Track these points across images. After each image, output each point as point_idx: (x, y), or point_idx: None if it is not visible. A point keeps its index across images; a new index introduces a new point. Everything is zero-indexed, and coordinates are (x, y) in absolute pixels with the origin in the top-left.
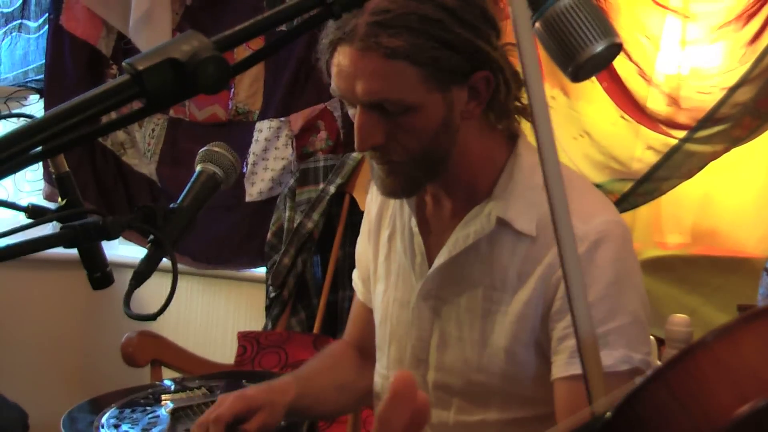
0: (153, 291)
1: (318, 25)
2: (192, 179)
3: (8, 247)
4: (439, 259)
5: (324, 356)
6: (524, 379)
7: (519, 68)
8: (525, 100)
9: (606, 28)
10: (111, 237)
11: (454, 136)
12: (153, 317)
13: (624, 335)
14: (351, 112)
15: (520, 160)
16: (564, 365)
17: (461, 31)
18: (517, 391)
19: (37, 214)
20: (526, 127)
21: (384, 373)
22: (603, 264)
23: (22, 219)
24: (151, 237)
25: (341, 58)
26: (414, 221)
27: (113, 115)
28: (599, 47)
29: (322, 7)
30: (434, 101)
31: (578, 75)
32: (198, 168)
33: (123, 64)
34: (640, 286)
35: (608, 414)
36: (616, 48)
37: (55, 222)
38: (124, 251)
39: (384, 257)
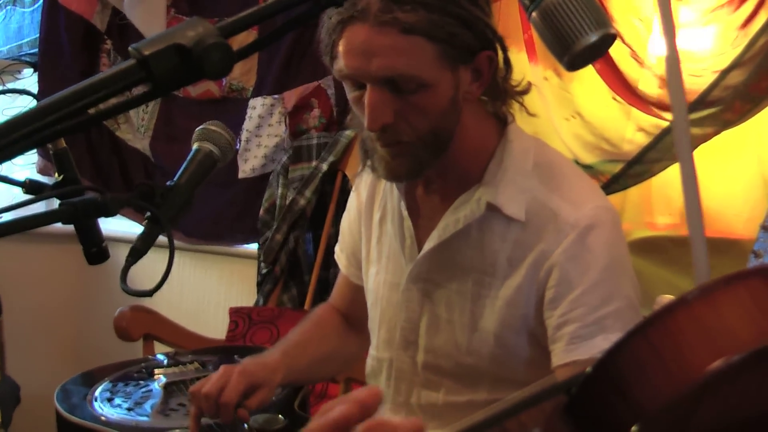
0: (146, 266)
1: (322, 12)
2: (189, 157)
3: (8, 223)
4: (429, 244)
5: (310, 325)
6: (514, 363)
7: None
8: (514, 82)
9: (601, 19)
10: (109, 214)
11: (458, 116)
12: (149, 293)
13: (620, 319)
14: (352, 94)
15: (511, 145)
16: (563, 353)
17: (473, 8)
18: (506, 374)
19: (34, 190)
20: (517, 115)
21: (374, 354)
22: (596, 249)
23: (17, 193)
24: (149, 214)
25: (353, 36)
26: (403, 204)
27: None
28: (594, 37)
29: None
30: (445, 79)
31: (574, 64)
32: (195, 146)
33: (129, 48)
34: (631, 270)
35: (589, 369)
36: (611, 38)
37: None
38: (117, 226)
39: (376, 240)
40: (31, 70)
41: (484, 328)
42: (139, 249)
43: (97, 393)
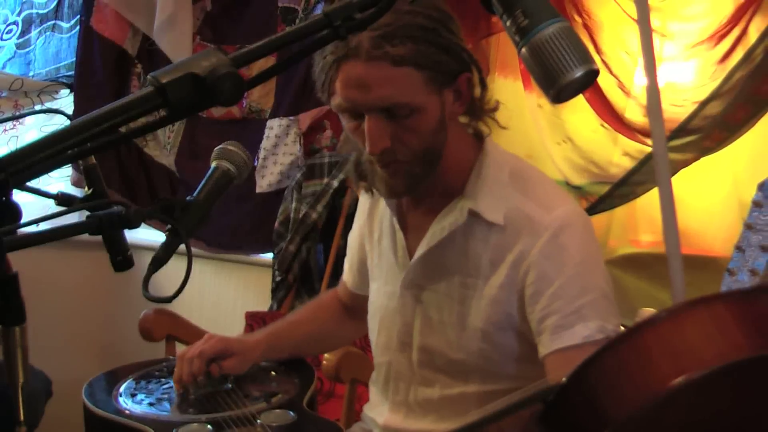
0: (169, 273)
1: (325, 45)
2: (208, 174)
3: (40, 233)
4: (419, 251)
5: (310, 307)
6: (501, 358)
7: None
8: (491, 104)
9: (585, 56)
10: (132, 226)
11: (446, 134)
12: (169, 299)
13: (596, 308)
14: (350, 124)
15: (488, 158)
16: (548, 342)
17: (451, 36)
18: (494, 368)
19: (65, 202)
20: (512, 138)
21: (376, 361)
22: (569, 247)
23: (50, 204)
24: (169, 226)
25: (349, 72)
26: (395, 219)
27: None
28: (578, 72)
29: (330, 29)
30: (433, 103)
31: (559, 97)
32: (213, 164)
33: (147, 77)
34: (603, 265)
35: (564, 379)
36: (594, 74)
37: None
38: (143, 235)
39: (377, 258)
40: (68, 90)
41: (471, 325)
42: (160, 258)
43: (121, 389)
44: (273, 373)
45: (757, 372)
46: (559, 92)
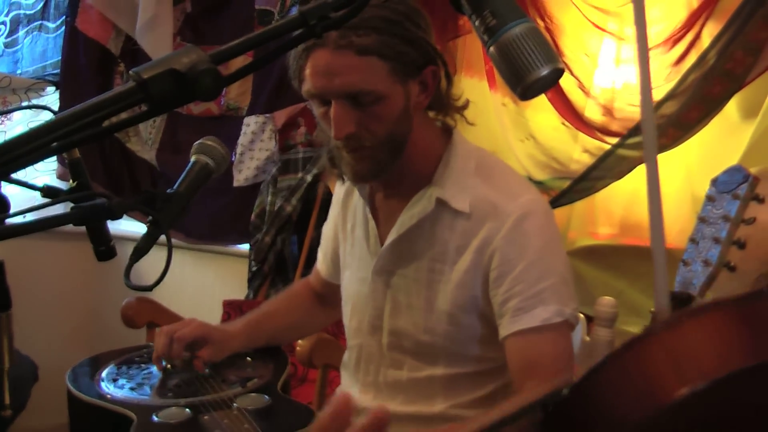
0: (151, 262)
1: (302, 42)
2: (187, 168)
3: (26, 224)
4: (389, 239)
5: (284, 297)
6: (466, 340)
7: None
8: (461, 102)
9: (551, 55)
10: (115, 217)
11: (410, 123)
12: (150, 288)
13: (556, 293)
14: (319, 111)
15: (455, 150)
16: (509, 324)
17: (415, 29)
18: (460, 350)
19: (51, 194)
20: (479, 134)
21: (349, 344)
22: (532, 233)
23: (36, 197)
24: (151, 218)
25: (317, 60)
26: (367, 209)
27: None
28: (544, 71)
29: (305, 28)
30: (397, 92)
31: (526, 95)
32: (193, 158)
33: (129, 72)
34: (563, 250)
35: (565, 390)
36: (559, 72)
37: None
38: (125, 226)
39: (350, 247)
40: (54, 88)
41: (439, 308)
42: (141, 248)
43: (103, 374)
44: (249, 358)
45: (760, 378)
46: (525, 90)
